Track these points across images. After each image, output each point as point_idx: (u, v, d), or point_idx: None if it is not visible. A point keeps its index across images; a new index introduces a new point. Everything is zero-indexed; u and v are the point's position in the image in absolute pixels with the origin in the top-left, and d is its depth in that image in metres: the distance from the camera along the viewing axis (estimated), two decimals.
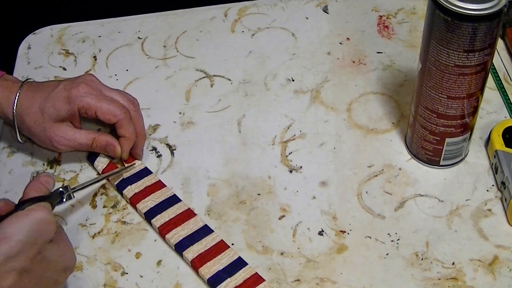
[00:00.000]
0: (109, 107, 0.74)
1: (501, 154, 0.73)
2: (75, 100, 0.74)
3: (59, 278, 0.61)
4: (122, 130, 0.75)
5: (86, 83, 0.75)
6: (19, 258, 0.56)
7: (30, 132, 0.75)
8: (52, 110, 0.74)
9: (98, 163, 0.76)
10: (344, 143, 0.78)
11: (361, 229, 0.70)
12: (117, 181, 0.75)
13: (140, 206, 0.72)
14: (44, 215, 0.59)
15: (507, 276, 0.66)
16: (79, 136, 0.75)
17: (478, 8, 0.61)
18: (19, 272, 0.56)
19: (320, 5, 0.95)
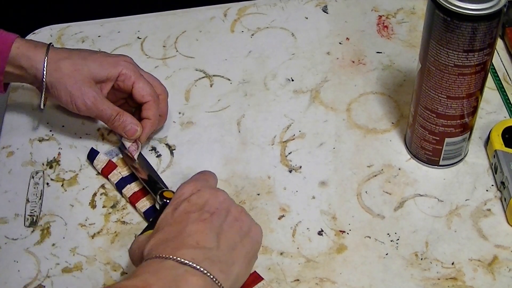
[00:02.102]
0: (145, 86, 0.76)
1: (500, 154, 0.73)
2: (119, 65, 0.75)
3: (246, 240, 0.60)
4: (149, 112, 0.76)
5: (129, 58, 0.77)
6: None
7: (58, 84, 0.74)
8: (92, 68, 0.74)
9: (98, 162, 0.76)
10: (344, 143, 0.78)
11: (360, 229, 0.70)
12: (116, 180, 0.75)
13: (139, 205, 0.72)
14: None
15: (507, 276, 0.66)
16: (107, 104, 0.75)
17: (478, 8, 0.61)
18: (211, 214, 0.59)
19: (319, 5, 0.95)
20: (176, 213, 0.59)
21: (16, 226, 0.72)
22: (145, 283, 0.52)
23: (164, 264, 0.54)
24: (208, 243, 0.56)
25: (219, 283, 0.55)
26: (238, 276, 0.58)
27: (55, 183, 0.76)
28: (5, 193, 0.75)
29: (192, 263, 0.54)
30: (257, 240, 0.61)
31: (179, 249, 0.55)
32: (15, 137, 0.81)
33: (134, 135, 0.75)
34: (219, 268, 0.55)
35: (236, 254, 0.58)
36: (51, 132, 0.81)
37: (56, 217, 0.73)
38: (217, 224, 0.58)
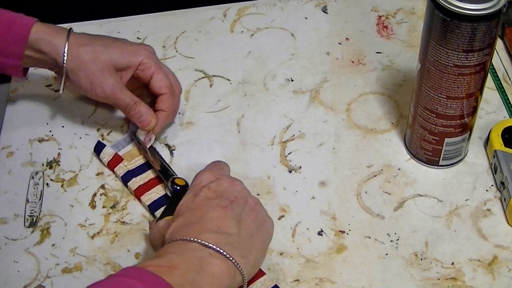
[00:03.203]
0: (164, 78, 0.76)
1: (500, 154, 0.73)
2: (140, 54, 0.75)
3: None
4: (165, 104, 0.76)
5: (150, 48, 0.78)
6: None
7: (78, 71, 0.74)
8: (113, 56, 0.74)
9: (104, 154, 0.77)
10: (343, 143, 0.78)
11: (360, 229, 0.70)
12: (122, 173, 0.75)
13: (144, 198, 0.73)
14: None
15: (507, 276, 0.66)
16: (125, 93, 0.75)
17: (477, 8, 0.61)
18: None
19: (319, 5, 0.95)
20: (197, 199, 0.61)
21: (16, 226, 0.72)
22: (170, 263, 0.54)
23: (188, 246, 0.56)
24: (229, 229, 0.59)
25: (240, 268, 0.57)
26: (255, 263, 0.60)
27: (55, 184, 0.76)
28: (5, 193, 0.75)
29: (216, 246, 0.56)
30: (270, 232, 0.63)
31: (202, 233, 0.57)
32: (15, 137, 0.81)
33: (148, 125, 0.76)
34: (240, 253, 0.58)
35: (253, 242, 0.60)
36: (51, 133, 0.81)
37: (56, 218, 0.73)
38: (237, 211, 0.60)
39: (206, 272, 0.55)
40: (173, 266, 0.54)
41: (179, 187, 0.71)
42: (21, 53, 0.74)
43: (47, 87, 0.86)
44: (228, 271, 0.57)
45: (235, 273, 0.57)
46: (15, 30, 0.73)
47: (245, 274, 0.58)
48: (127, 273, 0.53)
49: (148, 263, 0.54)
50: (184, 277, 0.54)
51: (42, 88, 0.86)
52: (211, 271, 0.56)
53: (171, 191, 0.71)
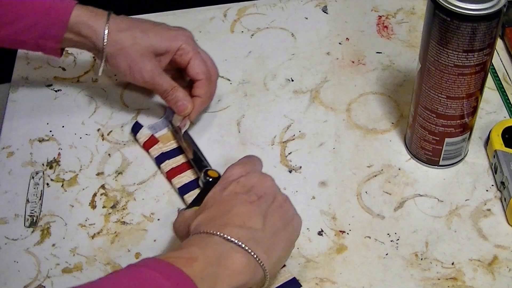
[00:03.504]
0: (201, 64, 0.77)
1: (500, 154, 0.73)
2: (179, 40, 0.76)
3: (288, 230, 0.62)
4: (201, 90, 0.77)
5: (189, 33, 0.78)
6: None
7: (117, 55, 0.75)
8: (152, 41, 0.75)
9: (140, 135, 0.78)
10: (344, 143, 0.78)
11: (360, 229, 0.70)
12: (156, 154, 0.76)
13: (175, 181, 0.74)
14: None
15: (507, 276, 0.66)
16: (163, 79, 0.76)
17: (478, 8, 0.61)
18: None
19: (319, 5, 0.95)
20: (224, 193, 0.61)
21: (16, 226, 0.72)
22: (191, 255, 0.54)
23: (211, 239, 0.56)
24: (254, 224, 0.58)
25: (261, 263, 0.57)
26: (279, 260, 0.60)
27: (55, 184, 0.76)
28: (5, 193, 0.75)
29: (238, 241, 0.56)
30: (297, 229, 0.63)
31: (226, 227, 0.57)
32: (15, 137, 0.81)
33: (184, 111, 0.77)
34: (263, 249, 0.57)
35: (278, 238, 0.59)
36: (51, 132, 0.81)
37: (56, 218, 0.73)
38: (264, 207, 0.60)
39: (226, 266, 0.55)
40: (193, 259, 0.54)
41: (212, 178, 0.71)
42: (61, 36, 0.75)
43: (47, 87, 0.86)
44: (249, 266, 0.56)
45: (256, 269, 0.57)
46: (55, 13, 0.74)
47: (267, 270, 0.58)
48: (146, 264, 0.53)
49: (168, 255, 0.55)
50: (203, 270, 0.54)
51: (42, 88, 0.86)
52: (231, 265, 0.55)
53: (203, 182, 0.71)
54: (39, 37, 0.75)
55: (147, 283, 0.51)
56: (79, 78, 0.87)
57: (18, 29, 0.75)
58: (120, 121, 0.82)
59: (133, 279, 0.51)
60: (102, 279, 0.52)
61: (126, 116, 0.82)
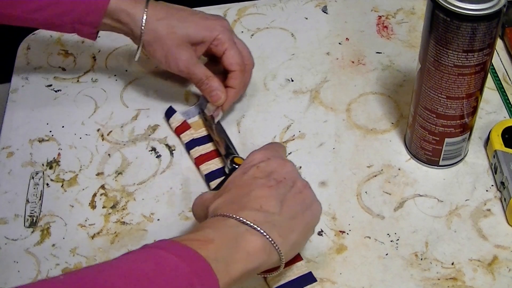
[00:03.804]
0: (236, 55, 0.78)
1: (500, 154, 0.73)
2: (215, 30, 0.77)
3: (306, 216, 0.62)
4: (235, 81, 0.78)
5: (226, 22, 0.79)
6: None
7: (154, 43, 0.76)
8: (189, 31, 0.76)
9: (173, 120, 0.79)
10: (344, 143, 0.78)
11: (360, 229, 0.70)
12: (187, 140, 0.77)
13: (203, 167, 0.75)
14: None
15: (507, 276, 0.66)
16: (199, 68, 0.77)
17: (477, 8, 0.61)
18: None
19: (319, 5, 0.95)
20: (244, 177, 0.62)
21: (16, 226, 0.72)
22: (206, 237, 0.55)
23: (226, 222, 0.57)
24: (271, 208, 0.59)
25: (276, 246, 0.57)
26: (295, 244, 0.60)
27: (55, 184, 0.76)
28: (5, 193, 0.75)
29: (253, 224, 0.57)
30: (317, 215, 0.63)
31: (243, 210, 0.58)
32: (15, 137, 0.81)
33: (217, 101, 0.77)
34: (278, 232, 0.58)
35: (296, 223, 0.60)
36: (51, 133, 0.81)
37: (56, 218, 0.73)
38: (282, 192, 0.60)
39: (241, 248, 0.56)
40: (209, 241, 0.54)
41: (237, 166, 0.71)
42: (98, 22, 0.76)
43: (47, 87, 0.86)
44: (264, 248, 0.57)
45: (271, 252, 0.57)
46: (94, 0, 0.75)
47: (283, 254, 0.58)
48: (161, 245, 0.53)
49: (184, 237, 0.55)
50: (218, 252, 0.54)
51: (42, 88, 0.86)
52: (246, 247, 0.56)
53: (229, 169, 0.72)
54: (76, 21, 0.76)
55: (162, 264, 0.51)
56: (79, 78, 0.87)
57: (56, 13, 0.75)
58: (120, 121, 0.82)
59: (148, 260, 0.51)
60: (117, 259, 0.52)
61: (126, 116, 0.82)
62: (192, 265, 0.52)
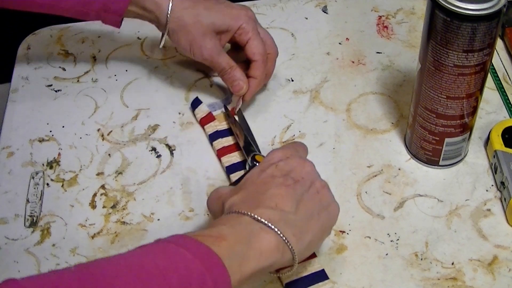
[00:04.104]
0: (259, 44, 0.78)
1: (500, 154, 0.73)
2: (240, 19, 0.78)
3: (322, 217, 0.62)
4: (257, 71, 0.79)
5: (251, 12, 0.80)
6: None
7: (179, 32, 0.77)
8: (214, 20, 0.77)
9: (199, 111, 0.80)
10: (344, 143, 0.78)
11: (360, 229, 0.70)
12: (211, 131, 0.78)
13: (224, 159, 0.75)
14: None
15: (507, 276, 0.66)
16: (222, 57, 0.78)
17: (477, 8, 0.61)
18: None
19: (319, 5, 0.95)
20: (262, 175, 0.62)
21: (16, 226, 0.72)
22: (220, 234, 0.55)
23: (241, 219, 0.57)
24: (286, 207, 0.59)
25: (290, 246, 0.57)
26: (310, 245, 0.60)
27: (55, 184, 0.76)
28: (5, 193, 0.75)
29: (268, 222, 0.57)
30: (334, 217, 0.63)
31: (258, 207, 0.58)
32: (15, 137, 0.81)
33: (239, 91, 0.78)
34: (293, 231, 0.58)
35: (311, 223, 0.60)
36: (51, 133, 0.81)
37: (56, 218, 0.73)
38: (299, 192, 0.60)
39: (254, 246, 0.56)
40: (222, 237, 0.55)
41: (258, 163, 0.72)
42: (124, 10, 0.77)
43: (47, 87, 0.86)
44: (277, 247, 0.57)
45: (285, 250, 0.57)
46: None
47: (296, 253, 0.58)
48: (175, 240, 0.53)
49: (198, 233, 0.55)
50: (232, 249, 0.54)
51: (42, 88, 0.86)
52: (259, 245, 0.56)
53: (250, 166, 0.73)
54: (102, 9, 0.77)
55: (175, 259, 0.51)
56: (79, 78, 0.87)
57: (83, 0, 0.76)
58: (120, 121, 0.82)
59: (161, 255, 0.52)
60: (130, 252, 0.53)
61: (126, 116, 0.82)
62: (205, 261, 0.52)
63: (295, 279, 0.65)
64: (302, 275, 0.65)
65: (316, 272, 0.66)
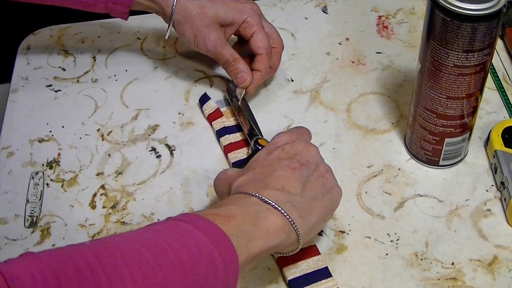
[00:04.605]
0: (263, 38, 0.79)
1: (500, 154, 0.73)
2: (244, 13, 0.79)
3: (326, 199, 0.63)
4: (261, 64, 0.79)
5: (256, 6, 0.80)
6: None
7: (184, 23, 0.77)
8: (219, 12, 0.77)
9: (207, 107, 0.81)
10: (344, 143, 0.78)
11: (360, 229, 0.70)
12: (218, 127, 0.78)
13: (231, 155, 0.76)
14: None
15: (507, 276, 0.66)
16: (226, 49, 0.79)
17: (477, 8, 0.61)
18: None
19: (319, 6, 0.95)
20: (269, 157, 0.63)
21: (16, 226, 0.72)
22: (229, 213, 0.56)
23: (249, 200, 0.59)
24: (293, 189, 0.60)
25: (295, 227, 0.59)
26: (314, 226, 0.61)
27: (55, 184, 0.76)
28: (5, 193, 0.75)
29: (275, 203, 0.58)
30: (337, 199, 0.64)
31: (265, 189, 0.59)
32: (15, 137, 0.81)
33: (243, 83, 0.79)
34: (298, 213, 0.59)
35: (316, 205, 0.61)
36: (51, 133, 0.81)
37: (56, 218, 0.73)
38: (305, 174, 0.62)
39: (261, 226, 0.57)
40: (230, 217, 0.56)
41: (261, 147, 0.72)
42: (131, 1, 0.78)
43: (47, 87, 0.86)
44: (283, 228, 0.58)
45: (290, 231, 0.58)
46: None
47: (301, 234, 0.59)
48: (184, 218, 0.54)
49: (206, 211, 0.57)
50: (239, 228, 0.55)
51: (42, 88, 0.86)
52: (266, 226, 0.57)
53: (253, 150, 0.74)
54: (109, 0, 0.78)
55: (185, 236, 0.52)
56: (79, 78, 0.87)
57: None
58: (120, 121, 0.82)
59: (172, 232, 0.53)
60: (141, 229, 0.54)
61: (126, 116, 0.82)
62: (214, 239, 0.53)
63: (298, 276, 0.65)
64: (305, 273, 0.65)
65: (319, 270, 0.66)
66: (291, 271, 0.65)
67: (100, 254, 0.49)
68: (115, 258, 0.49)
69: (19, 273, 0.45)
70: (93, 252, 0.49)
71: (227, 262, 0.53)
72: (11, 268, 0.46)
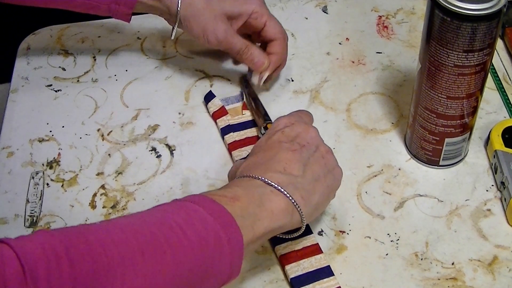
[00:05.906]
0: (277, 24, 0.80)
1: (500, 154, 0.73)
2: (251, 3, 0.79)
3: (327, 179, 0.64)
4: (278, 47, 0.80)
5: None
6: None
7: (191, 18, 0.77)
8: (225, 5, 0.78)
9: (212, 104, 0.81)
10: (344, 143, 0.78)
11: (360, 229, 0.70)
12: (223, 125, 0.78)
13: (235, 153, 0.76)
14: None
15: (507, 276, 0.66)
16: (237, 38, 0.79)
17: (478, 8, 0.61)
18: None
19: (319, 5, 0.95)
20: (269, 141, 0.64)
21: (16, 226, 0.72)
22: (234, 194, 0.58)
23: (253, 182, 0.60)
24: (294, 171, 0.61)
25: (298, 208, 0.60)
26: (317, 206, 0.63)
27: (55, 184, 0.76)
28: (5, 193, 0.75)
29: (278, 185, 0.60)
30: (338, 179, 0.65)
31: (268, 172, 0.61)
32: (15, 137, 0.81)
33: (261, 66, 0.79)
34: (301, 194, 0.61)
35: (318, 185, 0.62)
36: (51, 133, 0.81)
37: (56, 218, 0.73)
38: (306, 156, 0.63)
39: (265, 207, 0.58)
40: (236, 198, 0.58)
41: None
42: (134, 2, 0.78)
43: (47, 87, 0.86)
44: (287, 209, 0.59)
45: (293, 212, 0.60)
46: None
47: (304, 215, 0.61)
48: (191, 199, 0.56)
49: (213, 192, 0.58)
50: (244, 209, 0.57)
51: (42, 88, 0.86)
52: (270, 207, 0.59)
53: (262, 134, 0.75)
54: (113, 1, 0.78)
55: (192, 216, 0.54)
56: (79, 78, 0.87)
57: None
58: (120, 121, 0.82)
59: (180, 212, 0.55)
60: (149, 210, 0.56)
61: (126, 116, 0.82)
62: (220, 219, 0.55)
63: (300, 274, 0.65)
64: (308, 271, 0.66)
65: (321, 268, 0.66)
66: (293, 269, 0.65)
67: (111, 231, 0.50)
68: (126, 234, 0.50)
69: (31, 249, 0.46)
70: (105, 229, 0.50)
71: (233, 242, 0.54)
72: (24, 245, 0.47)
